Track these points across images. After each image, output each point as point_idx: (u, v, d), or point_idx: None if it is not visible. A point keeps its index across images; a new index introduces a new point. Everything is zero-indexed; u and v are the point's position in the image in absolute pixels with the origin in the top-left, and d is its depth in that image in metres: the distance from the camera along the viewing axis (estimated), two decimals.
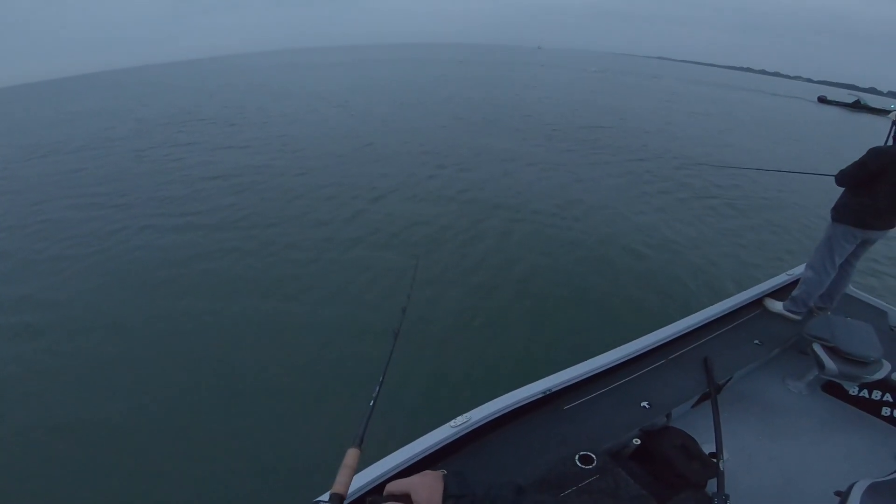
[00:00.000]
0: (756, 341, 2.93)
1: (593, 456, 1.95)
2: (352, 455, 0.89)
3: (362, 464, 1.60)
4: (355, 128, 13.39)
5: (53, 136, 14.48)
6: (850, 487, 1.80)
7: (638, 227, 7.05)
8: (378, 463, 1.75)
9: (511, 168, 9.93)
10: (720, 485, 1.83)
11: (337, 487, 0.80)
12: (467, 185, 8.74)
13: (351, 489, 1.51)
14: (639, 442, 2.12)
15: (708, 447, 2.10)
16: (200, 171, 9.59)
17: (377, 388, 1.18)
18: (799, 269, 3.59)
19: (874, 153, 2.72)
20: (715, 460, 1.96)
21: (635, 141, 13.40)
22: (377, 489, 1.67)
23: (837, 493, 1.86)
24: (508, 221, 7.14)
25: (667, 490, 1.85)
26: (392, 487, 0.75)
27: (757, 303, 3.36)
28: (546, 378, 2.27)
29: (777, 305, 3.29)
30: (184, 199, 8.04)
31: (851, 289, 3.56)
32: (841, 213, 2.95)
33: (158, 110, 17.29)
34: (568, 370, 2.35)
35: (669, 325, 2.82)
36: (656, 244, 6.53)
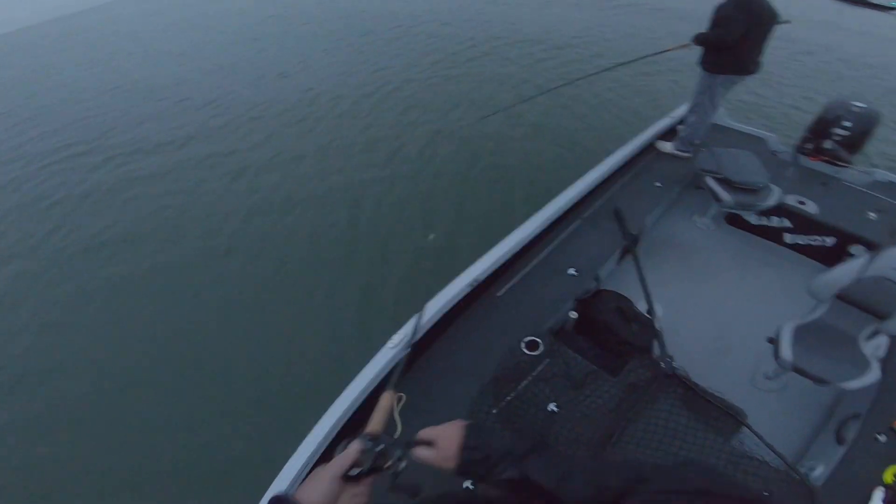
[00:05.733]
0: (657, 183, 3.00)
1: (538, 340, 1.88)
2: (386, 398, 0.95)
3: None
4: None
5: None
6: (779, 332, 1.93)
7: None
8: (331, 409, 1.60)
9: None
10: (662, 345, 1.86)
11: (371, 427, 0.87)
12: None
13: (316, 440, 1.49)
14: (576, 315, 2.08)
15: (642, 305, 2.13)
16: None
17: (412, 334, 1.24)
18: (679, 111, 3.67)
19: (736, 5, 2.82)
20: (650, 317, 1.98)
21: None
22: (342, 433, 1.58)
23: (770, 340, 1.99)
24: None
25: (616, 359, 1.85)
26: (422, 434, 0.81)
27: (650, 147, 3.43)
28: (470, 268, 2.10)
29: (667, 146, 3.43)
30: None
31: (728, 121, 3.75)
32: (719, 65, 3.08)
33: None
34: (489, 254, 2.19)
35: (574, 184, 2.74)
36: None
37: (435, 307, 1.89)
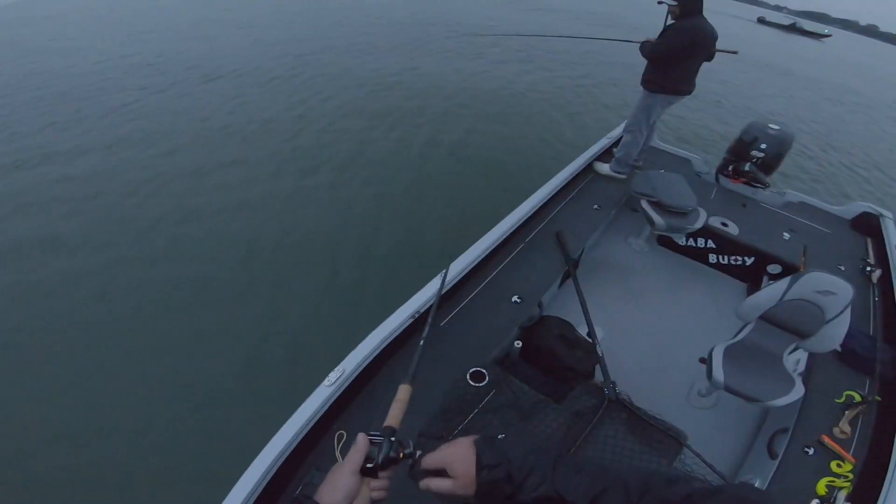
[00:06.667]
0: (595, 206, 3.03)
1: (484, 371, 1.82)
2: (403, 391, 0.94)
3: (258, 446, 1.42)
4: None
5: None
6: (711, 353, 1.99)
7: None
8: (264, 451, 1.41)
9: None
10: (604, 370, 1.86)
11: (389, 421, 0.85)
12: None
13: (246, 488, 1.33)
14: (521, 344, 2.06)
15: (583, 328, 2.15)
16: None
17: (426, 329, 1.19)
18: (616, 132, 3.80)
19: (682, 32, 2.94)
20: (592, 341, 2.00)
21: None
22: (277, 477, 1.42)
23: (702, 360, 2.05)
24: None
25: (561, 385, 1.84)
26: (426, 463, 0.74)
27: (588, 168, 3.50)
28: (411, 299, 1.99)
29: (605, 168, 3.50)
30: None
31: (657, 141, 3.95)
32: (659, 85, 3.20)
33: None
34: (430, 284, 2.08)
35: (518, 208, 2.70)
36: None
37: (374, 341, 1.78)
